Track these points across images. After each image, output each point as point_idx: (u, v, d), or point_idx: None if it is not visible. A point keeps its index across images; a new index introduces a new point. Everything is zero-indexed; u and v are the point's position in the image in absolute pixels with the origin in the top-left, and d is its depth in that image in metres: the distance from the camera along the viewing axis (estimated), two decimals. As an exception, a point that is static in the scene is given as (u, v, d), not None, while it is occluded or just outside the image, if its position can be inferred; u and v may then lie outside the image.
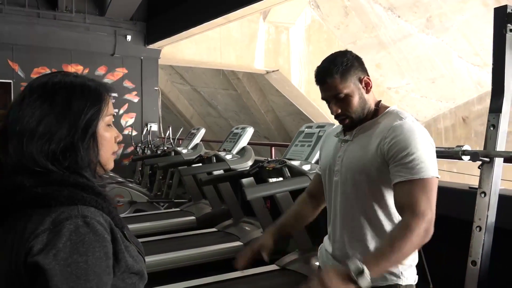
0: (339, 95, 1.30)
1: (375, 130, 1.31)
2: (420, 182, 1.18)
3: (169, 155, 4.91)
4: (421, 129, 1.27)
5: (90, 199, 0.76)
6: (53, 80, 0.83)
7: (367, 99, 1.34)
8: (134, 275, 0.81)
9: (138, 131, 8.25)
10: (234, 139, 3.82)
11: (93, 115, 0.82)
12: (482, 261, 1.45)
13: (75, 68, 7.78)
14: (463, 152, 1.49)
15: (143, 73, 8.40)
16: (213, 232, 4.05)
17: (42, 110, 0.78)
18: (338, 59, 1.31)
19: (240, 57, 9.50)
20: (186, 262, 3.35)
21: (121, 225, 0.81)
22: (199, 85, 13.45)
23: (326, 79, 1.30)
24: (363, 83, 1.33)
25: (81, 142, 0.79)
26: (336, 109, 1.32)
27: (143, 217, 4.75)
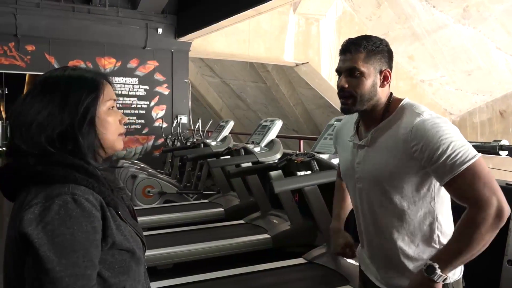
0: (355, 70, 1.23)
1: (392, 131, 1.24)
2: (468, 171, 1.12)
3: (199, 147, 4.95)
4: (441, 120, 1.20)
5: (81, 179, 0.82)
6: (53, 75, 0.92)
7: (379, 91, 1.27)
8: (125, 252, 0.86)
9: (168, 123, 8.37)
10: (262, 132, 3.82)
11: (89, 102, 0.90)
12: (519, 261, 1.40)
13: (108, 61, 7.95)
14: (500, 147, 1.43)
15: (174, 65, 8.49)
16: (241, 224, 4.08)
17: (42, 102, 0.87)
18: (372, 39, 1.27)
19: (270, 50, 9.45)
20: (214, 253, 3.38)
21: (114, 205, 0.87)
22: (229, 77, 13.49)
23: (352, 49, 1.24)
24: (382, 74, 1.27)
25: (79, 128, 0.87)
26: (344, 82, 1.25)
27: (172, 208, 4.83)
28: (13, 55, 7.25)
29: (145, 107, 8.39)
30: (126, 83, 8.16)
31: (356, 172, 1.33)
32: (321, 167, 2.47)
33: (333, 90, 10.75)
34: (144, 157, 8.20)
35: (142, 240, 0.94)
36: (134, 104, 8.29)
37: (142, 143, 8.42)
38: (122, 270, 0.85)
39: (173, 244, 3.43)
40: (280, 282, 2.74)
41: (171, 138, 7.47)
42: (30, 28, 7.23)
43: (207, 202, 4.98)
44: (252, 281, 2.76)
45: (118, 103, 6.22)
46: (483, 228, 1.10)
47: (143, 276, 0.94)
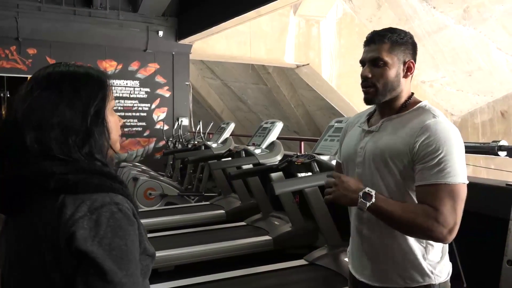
0: (378, 60, 1.26)
1: (404, 124, 1.26)
2: (448, 187, 1.14)
3: (199, 149, 4.96)
4: (455, 130, 1.21)
5: (117, 187, 0.81)
6: (57, 70, 0.85)
7: (402, 82, 1.28)
8: (148, 257, 0.86)
9: (169, 126, 8.39)
10: (263, 134, 3.83)
11: (100, 101, 0.85)
12: (518, 261, 1.40)
13: (109, 63, 7.98)
14: (499, 147, 1.43)
15: (175, 68, 8.51)
16: (242, 226, 4.08)
17: (52, 101, 0.81)
18: (397, 31, 1.30)
19: (270, 51, 9.47)
20: (215, 255, 3.39)
21: (137, 211, 0.85)
22: (230, 79, 13.51)
23: (376, 40, 1.27)
24: (406, 65, 1.29)
25: (95, 128, 0.83)
26: (368, 72, 1.27)
27: (173, 210, 4.84)
28: (15, 59, 7.28)
29: (146, 110, 8.41)
30: (127, 86, 8.17)
31: (358, 156, 1.34)
32: (321, 169, 2.47)
33: (334, 92, 10.79)
34: (145, 160, 8.21)
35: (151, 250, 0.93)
36: (135, 107, 8.30)
37: (144, 146, 8.43)
38: (145, 274, 0.85)
39: (174, 246, 3.43)
40: (281, 283, 2.75)
41: (172, 141, 7.48)
42: (32, 32, 7.26)
43: (208, 204, 4.99)
44: (253, 283, 2.77)
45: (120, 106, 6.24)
46: (424, 225, 1.14)
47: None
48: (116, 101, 8.08)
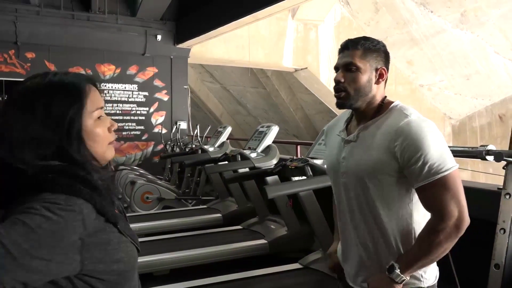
0: (351, 65, 1.28)
1: (379, 129, 1.27)
2: (440, 181, 1.16)
3: (196, 153, 4.97)
4: (427, 124, 1.23)
5: (84, 192, 0.78)
6: (31, 85, 0.84)
7: (374, 88, 1.31)
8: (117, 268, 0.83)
9: (168, 129, 8.40)
10: (259, 138, 3.84)
11: (74, 114, 0.83)
12: (506, 264, 1.41)
13: (108, 67, 7.99)
14: (487, 152, 1.44)
15: (173, 72, 8.53)
16: (238, 230, 4.09)
17: (25, 119, 0.80)
18: (371, 39, 1.33)
19: (269, 55, 9.50)
20: (211, 259, 3.39)
21: (114, 220, 0.83)
22: (229, 83, 13.54)
23: (350, 46, 1.30)
24: (378, 71, 1.31)
25: (68, 145, 0.81)
26: (341, 76, 1.30)
27: (170, 214, 4.84)
28: (13, 63, 7.30)
29: (145, 113, 8.42)
30: (126, 90, 8.19)
31: (341, 167, 1.35)
32: (314, 173, 2.48)
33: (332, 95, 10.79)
34: (143, 163, 8.22)
35: (137, 247, 0.91)
36: (134, 110, 8.32)
37: (142, 149, 8.44)
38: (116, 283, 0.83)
39: (169, 250, 3.44)
40: (276, 287, 2.75)
41: (170, 144, 7.49)
42: (30, 36, 7.28)
43: (205, 208, 5.00)
44: (250, 286, 2.77)
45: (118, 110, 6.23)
46: (442, 236, 1.16)
47: (136, 281, 0.93)
48: (114, 104, 8.11)
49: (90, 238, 0.77)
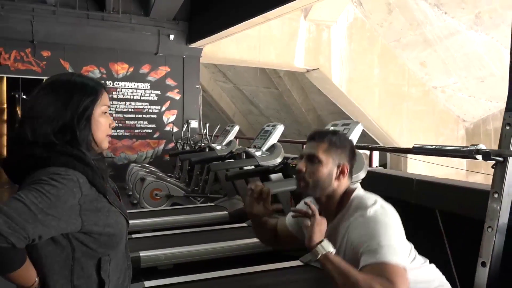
0: (314, 158, 1.33)
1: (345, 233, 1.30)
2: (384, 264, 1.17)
3: (204, 151, 5.03)
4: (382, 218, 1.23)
5: (79, 166, 0.99)
6: (60, 78, 1.10)
7: (333, 183, 1.34)
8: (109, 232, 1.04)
9: (179, 128, 8.50)
10: (264, 136, 3.88)
11: (88, 103, 1.07)
12: (492, 262, 1.42)
13: (121, 66, 8.13)
14: (477, 151, 1.46)
15: (185, 71, 8.64)
16: (243, 227, 4.13)
17: (51, 99, 1.04)
18: (338, 135, 1.38)
19: (280, 56, 9.53)
20: (213, 255, 3.43)
21: (103, 191, 1.04)
22: (241, 83, 13.61)
23: (316, 139, 1.35)
24: (340, 168, 1.35)
25: (77, 123, 1.04)
26: (302, 166, 1.34)
27: (177, 210, 4.92)
28: (30, 61, 7.48)
29: (157, 112, 8.54)
30: (138, 88, 8.32)
31: None
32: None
33: (344, 97, 10.79)
34: (154, 161, 8.34)
35: (126, 218, 1.12)
36: (146, 109, 8.44)
37: (153, 147, 8.56)
38: (104, 245, 1.04)
39: (173, 245, 3.50)
40: (275, 283, 2.78)
41: (181, 143, 7.58)
42: (46, 35, 7.46)
43: (212, 205, 5.05)
44: (249, 282, 2.81)
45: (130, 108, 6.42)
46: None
47: (124, 246, 1.13)
48: (127, 103, 8.25)
49: (85, 204, 0.98)
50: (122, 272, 1.10)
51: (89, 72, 7.93)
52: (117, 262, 1.08)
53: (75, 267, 0.99)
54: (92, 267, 1.01)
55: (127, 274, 1.14)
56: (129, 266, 1.16)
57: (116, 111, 8.14)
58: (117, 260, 1.07)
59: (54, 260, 0.98)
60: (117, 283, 1.08)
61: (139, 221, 4.40)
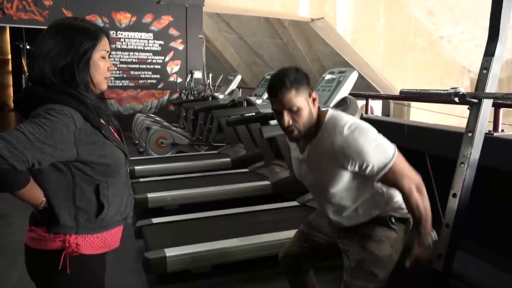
0: (292, 108, 1.40)
1: (323, 150, 1.45)
2: (389, 171, 1.40)
3: (207, 100, 5.15)
4: (359, 133, 1.39)
5: (73, 103, 1.09)
6: (64, 22, 1.17)
7: (313, 112, 1.46)
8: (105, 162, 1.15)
9: (183, 78, 8.56)
10: (265, 85, 3.97)
11: (89, 46, 1.15)
12: (462, 194, 1.58)
13: (123, 15, 8.08)
14: (455, 94, 1.57)
15: (188, 20, 8.56)
16: (245, 172, 4.33)
17: (55, 42, 1.12)
18: (291, 75, 1.41)
19: (285, 4, 9.37)
20: (217, 197, 3.65)
21: (98, 127, 1.13)
22: (246, 33, 13.43)
23: (283, 91, 1.40)
24: (311, 97, 1.45)
25: (77, 63, 1.13)
26: (288, 120, 1.42)
27: (182, 157, 5.11)
28: (32, 10, 7.45)
29: (160, 62, 8.57)
30: (142, 38, 8.30)
31: (306, 179, 1.59)
32: (310, 116, 2.63)
33: (349, 47, 10.69)
34: (160, 111, 8.48)
35: (124, 151, 1.22)
36: (150, 59, 8.46)
37: (158, 98, 8.67)
38: (102, 173, 1.15)
39: (179, 188, 3.71)
40: (273, 220, 2.99)
41: (185, 93, 7.67)
42: (47, -17, 7.38)
43: (216, 153, 5.24)
44: (248, 219, 3.02)
45: (134, 58, 6.52)
46: (419, 201, 1.42)
47: (124, 176, 1.24)
48: (131, 53, 8.27)
49: (80, 136, 1.08)
50: (123, 199, 1.23)
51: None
52: (117, 190, 1.20)
53: (77, 191, 1.12)
54: (91, 192, 1.14)
55: (128, 201, 1.26)
56: (131, 195, 1.29)
57: (120, 62, 8.18)
58: (116, 187, 1.19)
59: (58, 185, 1.11)
60: (119, 208, 1.21)
61: (146, 167, 4.61)
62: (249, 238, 2.61)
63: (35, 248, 1.14)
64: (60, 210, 1.11)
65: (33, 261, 1.16)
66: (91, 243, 1.16)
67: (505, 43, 1.55)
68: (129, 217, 1.27)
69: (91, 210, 1.15)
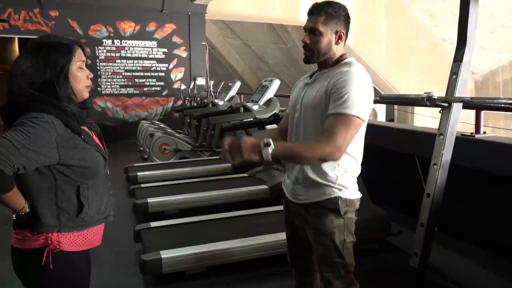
0: (315, 30, 1.53)
1: (329, 75, 1.54)
2: (340, 117, 1.42)
3: (208, 106, 5.25)
4: (362, 75, 1.48)
5: (53, 111, 1.18)
6: (40, 40, 1.26)
7: (333, 47, 1.56)
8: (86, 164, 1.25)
9: (187, 85, 8.69)
10: (262, 91, 4.07)
11: (65, 62, 1.24)
12: (435, 193, 1.65)
13: (127, 24, 8.24)
14: (428, 98, 1.65)
15: (191, 28, 8.71)
16: (244, 177, 4.41)
17: (31, 60, 1.22)
18: (333, 4, 1.55)
19: (286, 10, 9.48)
20: (215, 201, 3.74)
21: (77, 131, 1.22)
22: (250, 39, 13.56)
23: (314, 13, 1.53)
24: (337, 34, 1.55)
25: (57, 80, 1.23)
26: (306, 39, 1.55)
27: (184, 163, 5.21)
28: (38, 21, 7.65)
29: (164, 70, 8.71)
30: (146, 46, 8.46)
31: (297, 104, 1.64)
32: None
33: (351, 51, 10.74)
34: (164, 118, 8.61)
35: (103, 155, 1.32)
36: (154, 67, 8.61)
37: (162, 105, 8.81)
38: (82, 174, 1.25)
39: (179, 192, 3.81)
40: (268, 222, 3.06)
41: (188, 99, 7.80)
42: (53, -6, 7.57)
43: (217, 158, 5.32)
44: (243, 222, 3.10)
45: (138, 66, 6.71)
46: (318, 152, 1.41)
47: (104, 178, 1.34)
48: (135, 61, 8.43)
49: (62, 142, 1.18)
50: (102, 199, 1.33)
51: (96, 31, 8.07)
52: (97, 190, 1.30)
53: (58, 192, 1.21)
54: (72, 193, 1.23)
55: (109, 202, 1.36)
56: (111, 195, 1.39)
57: (125, 70, 8.34)
58: (96, 189, 1.29)
59: (40, 187, 1.20)
60: (99, 208, 1.31)
61: (148, 173, 4.72)
62: (243, 240, 2.70)
63: (20, 247, 1.23)
64: (43, 210, 1.21)
65: (18, 259, 1.26)
66: (72, 240, 1.25)
67: (473, 50, 1.63)
68: (110, 216, 1.37)
69: (72, 210, 1.24)
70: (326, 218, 1.55)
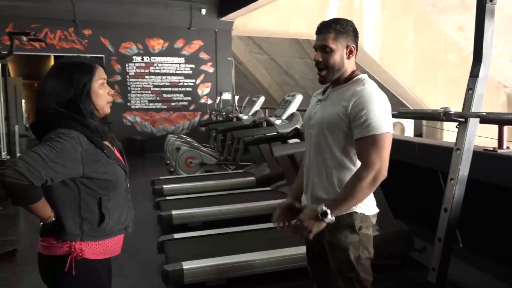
0: (326, 47, 1.55)
1: (343, 93, 1.56)
2: (371, 138, 1.44)
3: (232, 120, 5.34)
4: (378, 93, 1.50)
5: (78, 127, 1.28)
6: (63, 62, 1.37)
7: (345, 63, 1.58)
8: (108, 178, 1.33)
9: (213, 100, 8.85)
10: (285, 106, 4.12)
11: (87, 80, 1.33)
12: (452, 208, 1.65)
13: (156, 42, 8.51)
14: (444, 113, 1.66)
15: (218, 44, 8.91)
16: (267, 191, 4.45)
17: (55, 80, 1.32)
18: (341, 22, 1.58)
19: (311, 26, 9.51)
20: (238, 214, 3.79)
21: (100, 147, 1.32)
22: (276, 54, 13.69)
23: (323, 31, 1.56)
24: (348, 49, 1.58)
25: (79, 97, 1.32)
26: (318, 57, 1.58)
27: (209, 176, 5.30)
28: (73, 40, 8.01)
29: (192, 85, 8.92)
30: (174, 63, 8.70)
31: (311, 120, 1.67)
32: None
33: (377, 65, 10.71)
34: (191, 132, 8.78)
35: (124, 169, 1.40)
36: (181, 82, 8.83)
37: (189, 119, 8.99)
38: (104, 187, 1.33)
39: (203, 205, 3.88)
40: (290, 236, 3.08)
41: (214, 114, 7.93)
42: (86, 14, 7.92)
43: (242, 172, 5.40)
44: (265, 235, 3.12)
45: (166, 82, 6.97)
46: (363, 183, 1.43)
47: (124, 191, 1.42)
48: (163, 77, 8.67)
49: (86, 156, 1.27)
50: (123, 211, 1.41)
51: (127, 49, 8.37)
52: (117, 202, 1.38)
53: (82, 203, 1.30)
54: (94, 204, 1.32)
55: (129, 214, 1.44)
56: (131, 207, 1.46)
57: (153, 85, 8.59)
58: (117, 201, 1.37)
59: (65, 198, 1.29)
60: (119, 219, 1.39)
61: (173, 186, 4.83)
62: (264, 253, 2.73)
63: (45, 254, 1.32)
64: (67, 220, 1.30)
65: (44, 266, 1.35)
66: (94, 249, 1.33)
67: (489, 65, 1.63)
68: (129, 227, 1.44)
69: (94, 220, 1.33)
70: (341, 233, 1.57)
